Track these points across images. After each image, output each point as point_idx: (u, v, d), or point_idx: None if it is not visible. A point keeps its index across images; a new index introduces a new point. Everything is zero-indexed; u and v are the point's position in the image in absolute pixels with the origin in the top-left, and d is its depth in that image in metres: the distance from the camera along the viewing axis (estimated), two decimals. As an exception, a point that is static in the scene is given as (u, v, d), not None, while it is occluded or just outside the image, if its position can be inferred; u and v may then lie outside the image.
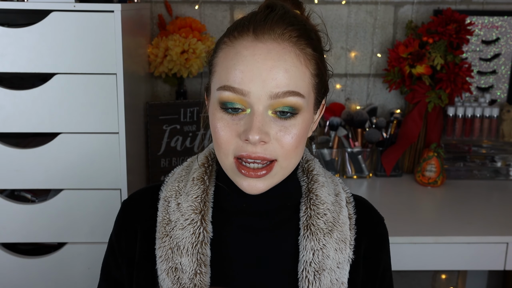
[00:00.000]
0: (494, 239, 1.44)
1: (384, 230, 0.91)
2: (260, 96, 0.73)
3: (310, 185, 0.87)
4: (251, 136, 0.72)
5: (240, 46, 0.75)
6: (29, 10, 1.28)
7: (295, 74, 0.75)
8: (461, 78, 1.78)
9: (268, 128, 0.74)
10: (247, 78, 0.73)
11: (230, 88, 0.74)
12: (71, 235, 1.39)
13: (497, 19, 1.93)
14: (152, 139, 1.73)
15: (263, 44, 0.74)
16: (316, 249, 0.82)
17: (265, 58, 0.73)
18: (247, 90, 0.73)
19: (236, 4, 1.90)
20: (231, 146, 0.76)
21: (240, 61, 0.74)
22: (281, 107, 0.74)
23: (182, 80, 1.87)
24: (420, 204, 1.70)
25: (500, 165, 1.90)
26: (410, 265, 1.46)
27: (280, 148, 0.75)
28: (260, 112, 0.74)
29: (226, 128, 0.75)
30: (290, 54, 0.75)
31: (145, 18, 1.76)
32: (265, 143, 0.74)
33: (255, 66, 0.73)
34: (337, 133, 1.86)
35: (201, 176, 0.85)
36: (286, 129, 0.75)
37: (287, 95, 0.74)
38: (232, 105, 0.75)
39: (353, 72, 1.99)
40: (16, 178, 1.35)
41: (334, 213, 0.85)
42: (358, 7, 1.93)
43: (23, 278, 1.41)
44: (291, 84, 0.74)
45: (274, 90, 0.73)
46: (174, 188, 0.86)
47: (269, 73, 0.73)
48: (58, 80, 1.30)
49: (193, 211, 0.83)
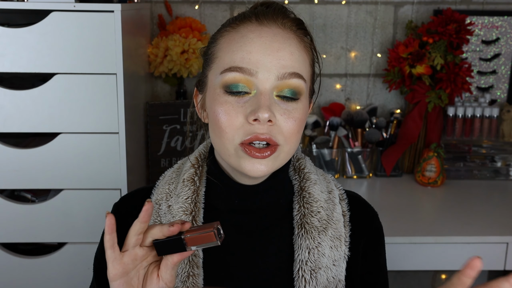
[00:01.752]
0: (494, 239, 1.44)
1: (379, 224, 0.92)
2: (268, 76, 0.74)
3: (303, 183, 0.87)
4: (261, 114, 0.72)
5: (245, 30, 0.77)
6: (29, 10, 1.28)
7: (299, 58, 0.77)
8: (461, 78, 1.78)
9: (274, 109, 0.75)
10: (254, 59, 0.74)
11: (237, 68, 0.75)
12: (71, 235, 1.39)
13: (497, 19, 1.93)
14: (152, 139, 1.73)
15: (268, 28, 0.77)
16: (312, 248, 0.82)
17: (272, 40, 0.75)
18: (255, 70, 0.74)
19: (236, 4, 1.90)
20: (236, 130, 0.75)
21: (247, 42, 0.76)
22: (286, 89, 0.75)
23: (182, 80, 1.87)
24: (420, 204, 1.70)
25: (500, 165, 1.90)
26: (410, 265, 1.46)
27: (282, 132, 0.76)
28: (267, 92, 0.74)
29: (231, 111, 0.75)
30: (294, 40, 0.78)
31: (145, 18, 1.76)
32: (272, 124, 0.74)
33: (262, 47, 0.75)
34: (337, 133, 1.86)
35: (191, 177, 0.85)
36: (289, 112, 0.76)
37: (292, 77, 0.75)
38: (237, 87, 0.75)
39: (353, 72, 1.99)
40: (16, 178, 1.35)
41: (327, 211, 0.85)
42: (358, 7, 1.93)
43: (23, 278, 1.41)
44: (296, 66, 0.76)
45: (281, 71, 0.74)
46: (164, 191, 0.86)
47: (276, 54, 0.75)
48: (58, 80, 1.30)
49: (183, 212, 0.82)
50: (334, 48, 1.95)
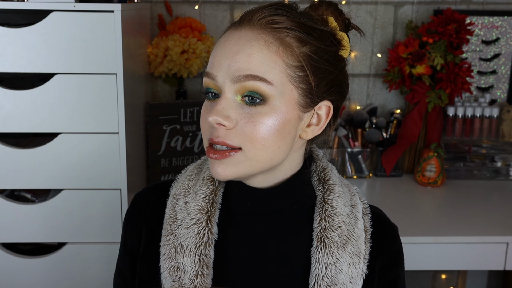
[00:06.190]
0: (494, 239, 1.44)
1: (400, 246, 0.89)
2: (224, 80, 0.74)
3: (326, 195, 0.84)
4: (210, 118, 0.73)
5: (225, 35, 0.78)
6: (29, 10, 1.28)
7: (259, 60, 0.73)
8: (461, 78, 1.78)
9: (231, 112, 0.74)
10: (216, 63, 0.75)
11: (207, 73, 0.77)
12: (71, 235, 1.39)
13: (497, 19, 1.93)
14: (152, 139, 1.73)
15: (237, 31, 0.76)
16: (329, 263, 0.80)
17: (235, 44, 0.75)
18: (215, 74, 0.75)
19: (236, 4, 1.90)
20: (205, 133, 0.77)
21: (216, 48, 0.77)
22: (246, 92, 0.74)
23: (182, 80, 1.87)
24: (420, 204, 1.70)
25: (500, 165, 1.90)
26: (410, 265, 1.46)
27: (244, 136, 0.74)
28: (226, 96, 0.75)
29: (204, 114, 0.78)
30: (259, 40, 0.74)
31: (145, 18, 1.76)
32: (226, 128, 0.74)
33: (223, 51, 0.75)
34: (337, 133, 1.87)
35: (211, 176, 0.84)
36: (252, 116, 0.74)
37: (248, 79, 0.73)
38: (209, 90, 0.77)
39: (353, 72, 1.99)
40: (16, 178, 1.35)
41: (349, 226, 0.83)
42: (358, 7, 1.93)
43: (23, 278, 1.41)
44: (253, 69, 0.73)
45: (236, 74, 0.73)
46: (184, 186, 0.86)
47: (233, 57, 0.74)
48: (58, 80, 1.30)
49: (199, 211, 0.81)
50: (334, 48, 1.95)
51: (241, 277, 0.82)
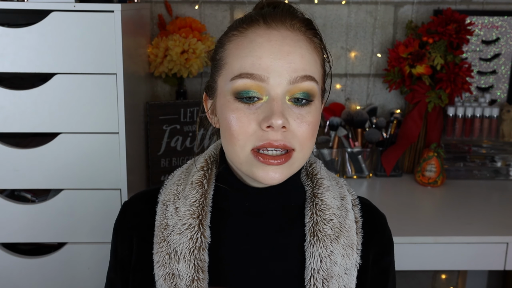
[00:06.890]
0: (494, 239, 1.44)
1: (390, 234, 0.90)
2: (279, 82, 0.73)
3: (315, 190, 0.85)
4: (274, 121, 0.71)
5: (254, 35, 0.76)
6: (29, 10, 1.28)
7: (310, 60, 0.76)
8: (461, 78, 1.78)
9: (287, 114, 0.74)
10: (265, 64, 0.73)
11: (247, 75, 0.74)
12: (71, 235, 1.39)
13: (497, 19, 1.93)
14: (152, 139, 1.73)
15: (277, 31, 0.75)
16: (324, 256, 0.80)
17: (282, 44, 0.74)
18: (266, 75, 0.73)
19: (236, 4, 1.90)
20: (248, 137, 0.74)
21: (257, 47, 0.74)
22: (299, 93, 0.74)
23: (182, 80, 1.87)
24: (420, 204, 1.70)
25: (500, 165, 1.90)
26: (410, 265, 1.46)
27: (297, 137, 0.75)
28: (279, 97, 0.74)
29: (243, 118, 0.74)
30: (304, 42, 0.76)
31: (145, 18, 1.76)
32: (286, 130, 0.74)
33: (272, 52, 0.74)
34: (337, 133, 1.86)
35: (199, 180, 0.83)
36: (303, 117, 0.75)
37: (304, 80, 0.74)
38: (248, 93, 0.74)
39: (353, 72, 1.99)
40: (16, 178, 1.35)
41: (340, 218, 0.84)
42: (358, 7, 1.93)
43: (23, 278, 1.41)
44: (307, 69, 0.75)
45: (293, 75, 0.74)
46: (172, 192, 0.85)
47: (286, 58, 0.74)
48: (58, 80, 1.30)
49: (190, 215, 0.81)
50: (334, 48, 1.95)
51: (237, 278, 0.82)
